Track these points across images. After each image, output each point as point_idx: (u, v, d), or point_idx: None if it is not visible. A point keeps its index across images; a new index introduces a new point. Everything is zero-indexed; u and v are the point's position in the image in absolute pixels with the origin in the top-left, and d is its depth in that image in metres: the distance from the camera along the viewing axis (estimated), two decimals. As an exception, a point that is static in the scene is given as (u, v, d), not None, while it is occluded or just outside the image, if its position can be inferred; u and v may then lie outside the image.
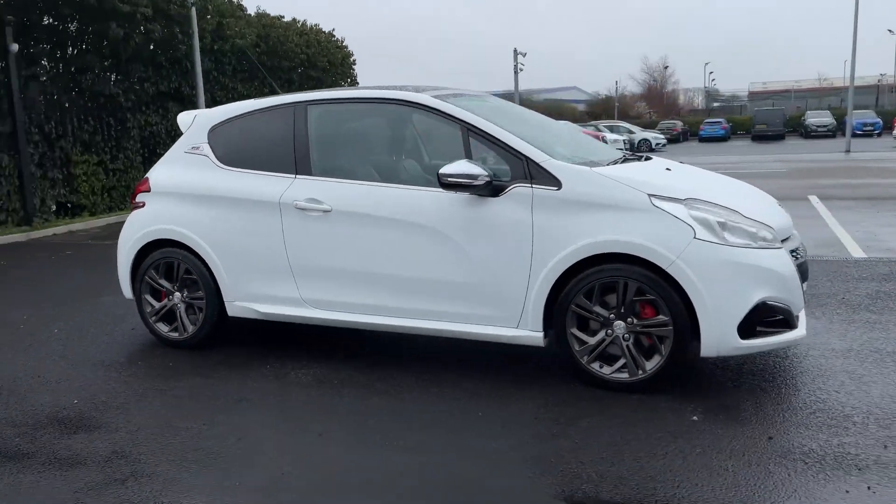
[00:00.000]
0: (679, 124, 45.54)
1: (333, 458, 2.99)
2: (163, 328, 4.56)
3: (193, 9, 14.34)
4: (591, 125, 32.02)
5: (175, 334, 4.52)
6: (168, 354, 4.43)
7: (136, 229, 4.59)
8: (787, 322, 3.51)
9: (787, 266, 3.48)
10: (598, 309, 3.56)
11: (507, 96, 47.46)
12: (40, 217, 11.64)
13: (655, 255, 3.39)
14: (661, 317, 3.45)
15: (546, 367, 3.93)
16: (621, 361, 3.56)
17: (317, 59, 19.35)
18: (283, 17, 19.03)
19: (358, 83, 22.53)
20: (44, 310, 5.67)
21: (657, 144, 33.62)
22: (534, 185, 3.63)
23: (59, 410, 3.60)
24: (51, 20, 12.38)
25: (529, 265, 3.61)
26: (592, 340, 3.60)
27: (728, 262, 3.36)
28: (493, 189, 3.66)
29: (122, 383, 3.95)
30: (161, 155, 12.01)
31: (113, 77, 13.96)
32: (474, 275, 3.73)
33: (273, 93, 4.71)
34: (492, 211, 3.68)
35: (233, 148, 4.42)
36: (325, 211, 4.01)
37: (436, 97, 3.98)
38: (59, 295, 6.19)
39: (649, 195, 3.48)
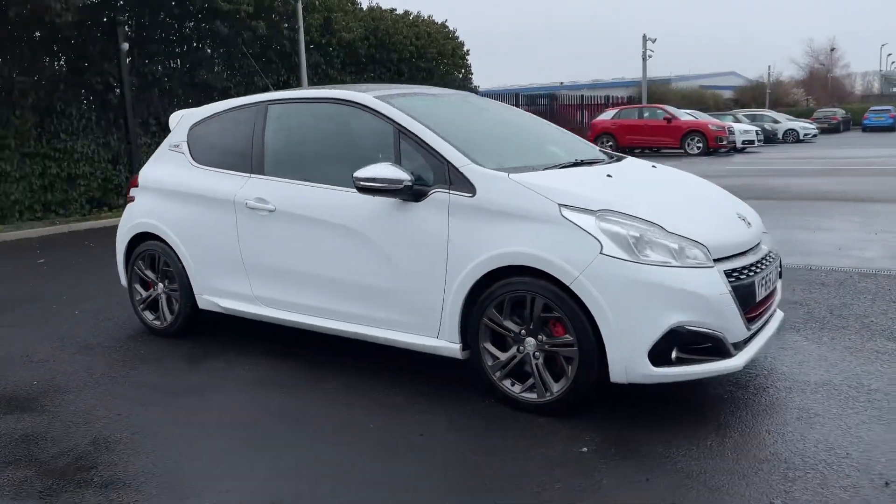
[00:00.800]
0: (840, 113, 41.73)
1: (200, 456, 3.05)
2: (148, 316, 4.84)
3: (299, 4, 14.95)
4: (729, 115, 30.02)
5: (158, 323, 4.79)
6: (147, 342, 4.70)
7: (126, 222, 4.90)
8: (718, 350, 3.15)
9: (715, 288, 3.11)
10: (508, 324, 3.36)
11: (658, 83, 45.58)
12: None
13: (558, 269, 3.15)
14: (567, 336, 3.21)
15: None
16: (531, 381, 3.35)
17: (426, 50, 19.55)
18: (395, 9, 19.39)
19: (472, 75, 22.55)
20: (90, 289, 6.17)
21: (806, 135, 30.98)
22: (451, 191, 3.48)
23: (17, 389, 3.93)
24: (166, 19, 13.38)
25: (445, 274, 3.48)
26: (504, 356, 3.41)
27: (637, 281, 3.05)
28: (414, 194, 3.55)
29: (86, 368, 4.24)
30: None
31: (226, 72, 14.89)
32: (396, 281, 3.65)
33: (266, 89, 4.82)
34: (413, 216, 3.57)
35: (205, 147, 4.60)
36: (270, 211, 4.07)
37: (377, 97, 3.91)
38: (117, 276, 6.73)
39: (560, 205, 3.23)
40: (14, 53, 11.17)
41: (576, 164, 3.87)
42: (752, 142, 24.73)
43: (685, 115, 23.19)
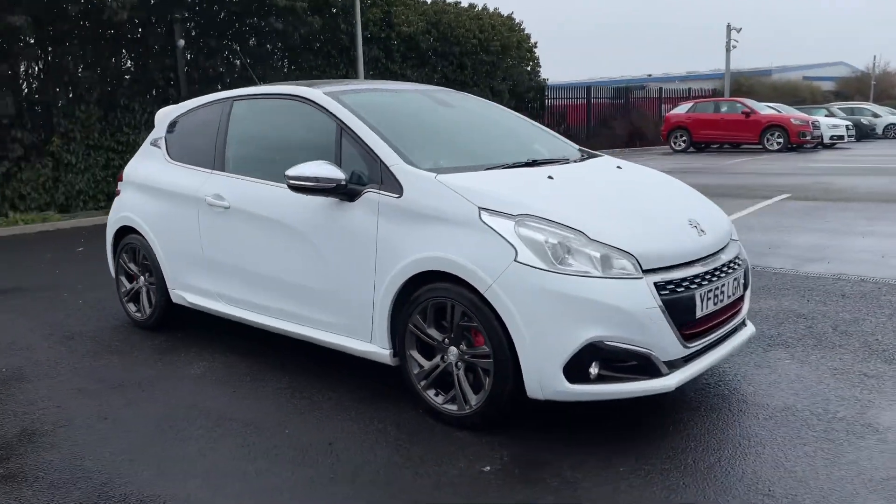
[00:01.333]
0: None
1: (103, 453, 3.06)
2: (131, 308, 4.95)
3: (357, -1, 15.06)
4: (822, 108, 28.24)
5: (139, 315, 4.89)
6: (126, 334, 4.80)
7: (112, 215, 5.02)
8: (646, 368, 2.90)
9: (640, 301, 2.85)
10: (432, 331, 3.21)
11: (752, 75, 43.34)
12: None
13: (473, 276, 2.98)
14: (485, 347, 3.03)
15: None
16: (453, 392, 3.19)
17: (489, 43, 19.32)
18: (459, 2, 19.26)
19: (540, 68, 22.17)
20: (105, 279, 6.32)
21: (909, 130, 28.78)
22: (381, 191, 3.36)
23: (-16, 376, 4.09)
24: (224, 16, 13.76)
25: (374, 277, 3.36)
26: (428, 365, 3.26)
27: (551, 292, 2.84)
28: (347, 193, 3.44)
29: (57, 358, 4.36)
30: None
31: (286, 68, 15.19)
32: (331, 283, 3.56)
33: (251, 83, 4.80)
34: (347, 216, 3.47)
35: (179, 143, 4.64)
36: (226, 208, 4.07)
37: (327, 92, 3.83)
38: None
39: (480, 208, 3.05)
40: (78, 50, 11.74)
41: (527, 165, 3.65)
42: (841, 137, 23.19)
43: (766, 109, 21.96)
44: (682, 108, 23.17)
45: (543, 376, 2.88)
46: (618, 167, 3.88)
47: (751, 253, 6.57)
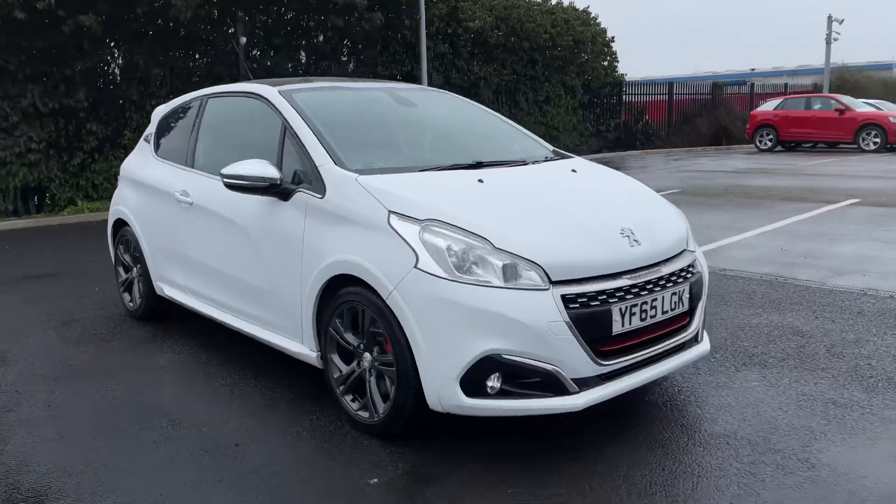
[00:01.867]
0: None
1: (22, 441, 3.17)
2: (126, 298, 5.14)
3: (421, -6, 15.06)
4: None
5: (131, 305, 5.07)
6: (117, 323, 4.98)
7: (110, 208, 5.21)
8: (551, 385, 2.73)
9: (543, 314, 2.68)
10: (348, 336, 3.15)
11: (864, 70, 40.42)
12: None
13: (377, 281, 2.89)
14: (389, 355, 2.94)
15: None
16: (366, 399, 3.12)
17: (561, 38, 18.91)
18: (534, -3, 18.93)
19: (617, 63, 21.53)
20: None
21: None
22: (309, 192, 3.32)
23: (-28, 357, 4.34)
24: (285, 13, 14.08)
25: (300, 278, 3.33)
26: (346, 370, 3.20)
27: (448, 301, 2.72)
28: (281, 193, 3.42)
29: (42, 344, 4.57)
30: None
31: (350, 64, 15.41)
32: (269, 281, 3.55)
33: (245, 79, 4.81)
34: (280, 216, 3.45)
35: (163, 139, 4.77)
36: (190, 204, 4.14)
37: (281, 90, 3.82)
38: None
39: (389, 211, 2.95)
40: (149, 48, 12.31)
41: (469, 167, 3.50)
42: (952, 138, 21.26)
43: (863, 106, 20.43)
44: (769, 105, 21.89)
45: (441, 388, 2.76)
46: (573, 170, 3.68)
47: (780, 263, 6.17)
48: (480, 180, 3.26)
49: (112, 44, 12.04)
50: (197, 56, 13.24)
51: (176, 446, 3.08)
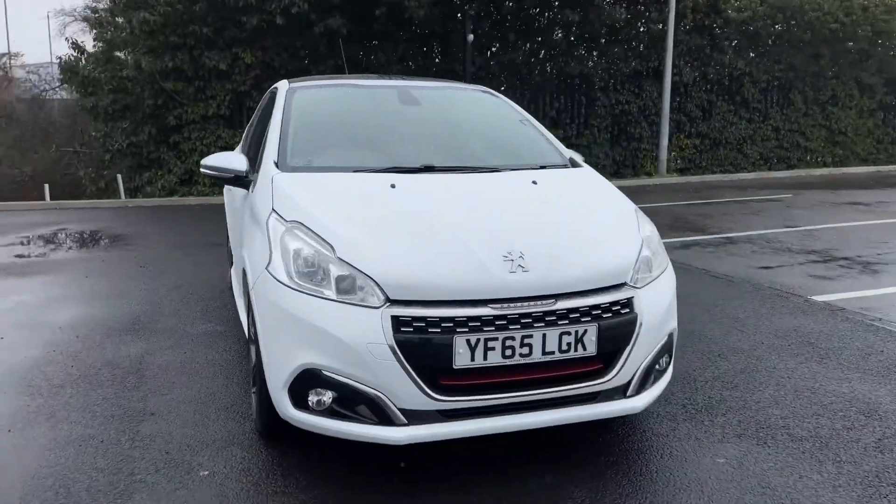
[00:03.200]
0: None
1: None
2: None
3: (672, -15, 14.06)
4: None
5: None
6: (216, 299, 5.57)
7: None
8: (377, 412, 2.49)
9: (365, 334, 2.42)
10: (251, 329, 3.17)
11: None
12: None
13: (249, 278, 2.89)
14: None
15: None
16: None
17: (857, 27, 16.14)
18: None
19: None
20: (193, 254, 6.77)
21: None
22: (251, 187, 3.41)
23: (113, 314, 5.20)
24: (517, 9, 14.12)
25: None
26: (253, 360, 3.21)
27: (279, 307, 2.60)
28: (245, 184, 3.55)
29: (151, 303, 5.30)
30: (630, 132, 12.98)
31: (590, 59, 15.01)
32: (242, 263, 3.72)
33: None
34: (246, 205, 3.56)
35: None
36: (228, 189, 4.49)
37: (292, 86, 3.95)
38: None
39: (272, 210, 2.91)
40: (390, 46, 13.33)
41: (414, 171, 3.24)
42: None
43: None
44: None
45: (275, 393, 2.66)
46: (532, 182, 3.22)
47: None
48: (393, 185, 3.03)
49: (355, 44, 13.23)
50: (433, 52, 13.98)
51: (52, 437, 3.40)
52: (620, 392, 2.71)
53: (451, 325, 2.46)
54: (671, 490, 2.60)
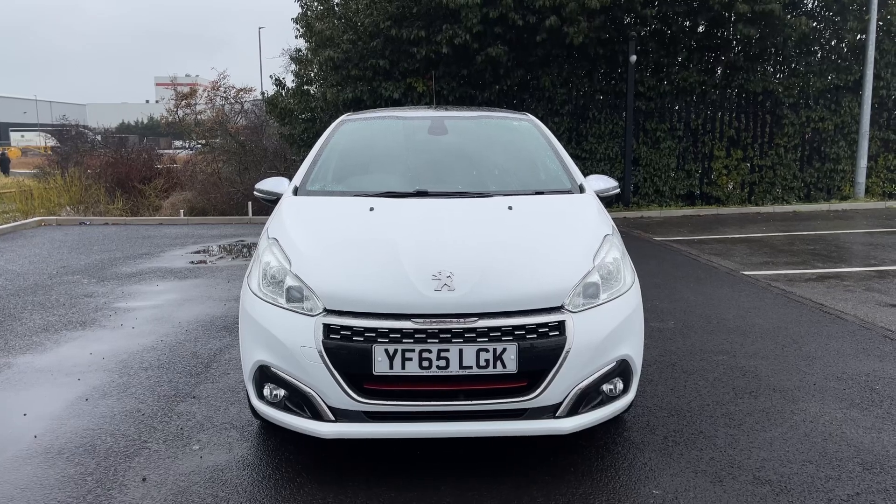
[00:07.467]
0: None
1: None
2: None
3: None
4: None
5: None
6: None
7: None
8: (310, 408, 2.83)
9: (298, 338, 2.77)
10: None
11: None
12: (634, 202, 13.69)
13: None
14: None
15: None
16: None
17: None
18: None
19: None
20: None
21: None
22: (283, 208, 3.92)
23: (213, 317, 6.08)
24: (685, 27, 13.53)
25: None
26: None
27: (246, 311, 3.07)
28: (284, 206, 4.08)
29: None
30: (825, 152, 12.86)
31: (775, 76, 13.98)
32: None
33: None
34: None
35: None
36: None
37: (343, 118, 4.44)
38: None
39: (267, 228, 3.38)
40: (555, 70, 13.51)
41: (404, 195, 3.54)
42: None
43: None
44: None
45: (246, 385, 3.11)
46: (508, 207, 3.35)
47: None
48: (371, 209, 3.36)
49: (519, 70, 13.55)
50: (598, 74, 13.90)
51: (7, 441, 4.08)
52: (550, 412, 2.78)
53: (374, 335, 2.72)
54: (581, 513, 2.62)
